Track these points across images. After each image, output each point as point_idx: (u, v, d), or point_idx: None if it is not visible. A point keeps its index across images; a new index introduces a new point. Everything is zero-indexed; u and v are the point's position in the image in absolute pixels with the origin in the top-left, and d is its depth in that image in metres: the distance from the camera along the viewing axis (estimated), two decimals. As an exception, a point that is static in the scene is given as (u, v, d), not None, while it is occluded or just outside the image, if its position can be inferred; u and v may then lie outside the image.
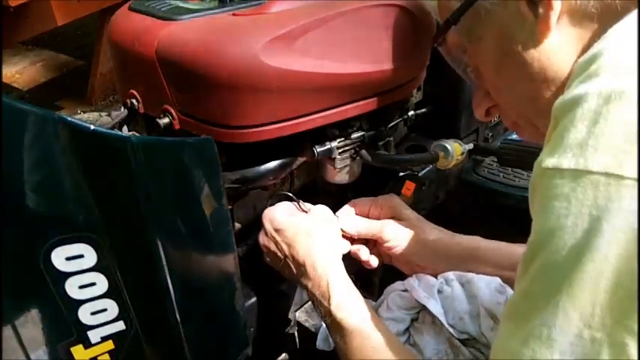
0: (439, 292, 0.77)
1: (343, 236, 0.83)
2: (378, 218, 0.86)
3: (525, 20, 0.54)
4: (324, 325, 0.86)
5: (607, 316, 0.41)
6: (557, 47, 0.54)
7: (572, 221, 0.42)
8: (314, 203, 0.84)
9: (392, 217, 0.85)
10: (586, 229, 0.42)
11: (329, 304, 0.71)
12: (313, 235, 0.76)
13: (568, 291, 0.42)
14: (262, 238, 0.79)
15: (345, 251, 0.82)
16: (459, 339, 0.73)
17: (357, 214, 0.86)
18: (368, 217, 0.86)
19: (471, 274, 0.77)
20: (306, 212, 0.81)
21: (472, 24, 0.59)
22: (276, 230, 0.77)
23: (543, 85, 0.56)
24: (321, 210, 0.82)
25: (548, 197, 0.45)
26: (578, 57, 0.52)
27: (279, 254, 0.77)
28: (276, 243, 0.77)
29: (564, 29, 0.53)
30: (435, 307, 0.74)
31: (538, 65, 0.55)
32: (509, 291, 0.76)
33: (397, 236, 0.82)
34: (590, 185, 0.42)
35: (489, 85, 0.64)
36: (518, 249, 0.78)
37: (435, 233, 0.82)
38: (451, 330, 0.73)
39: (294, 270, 0.76)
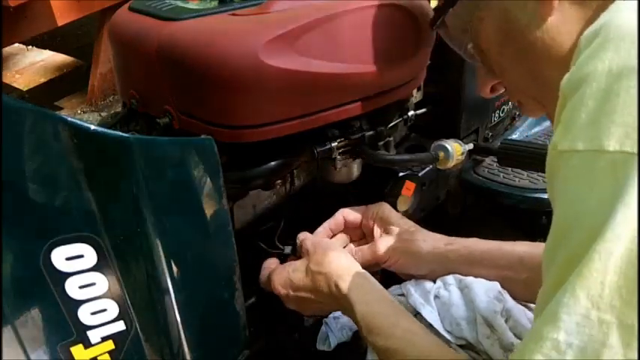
0: (436, 297, 0.77)
1: None
2: (370, 229, 0.85)
3: (527, 1, 0.54)
4: (323, 325, 0.86)
5: (616, 296, 0.40)
6: (561, 26, 0.54)
7: (592, 203, 0.41)
8: (314, 203, 0.84)
9: (383, 229, 0.84)
10: (603, 210, 0.40)
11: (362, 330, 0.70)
12: (323, 272, 0.75)
13: (578, 270, 0.41)
14: (289, 304, 0.79)
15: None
16: (456, 345, 0.72)
17: (347, 225, 0.87)
18: (360, 228, 0.87)
19: (470, 279, 0.77)
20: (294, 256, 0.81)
21: (472, 6, 0.58)
22: (295, 289, 0.77)
23: (547, 63, 0.55)
24: (314, 246, 0.80)
25: (568, 181, 0.43)
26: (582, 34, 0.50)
27: (312, 299, 0.76)
28: (301, 299, 0.77)
29: (567, 8, 0.53)
30: (429, 314, 0.74)
31: (542, 45, 0.55)
32: (508, 298, 0.76)
33: (391, 253, 0.81)
34: (607, 165, 0.40)
35: (493, 64, 0.63)
36: (515, 247, 0.78)
37: (428, 244, 0.81)
38: (448, 336, 0.72)
39: (330, 303, 0.76)
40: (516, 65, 0.59)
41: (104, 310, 0.61)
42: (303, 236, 0.83)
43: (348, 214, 0.87)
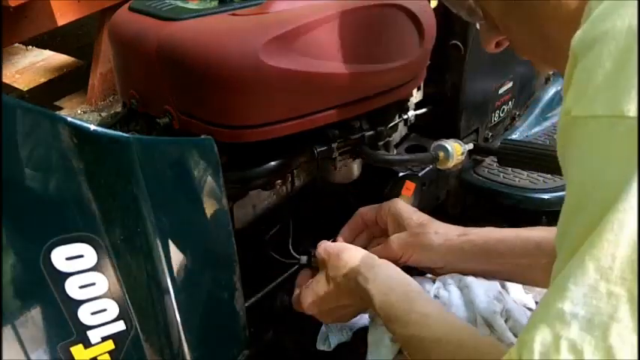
0: (436, 297, 0.76)
1: None
2: (385, 226, 0.84)
3: None
4: (323, 325, 0.86)
5: (627, 269, 0.38)
6: None
7: (609, 172, 0.39)
8: (314, 203, 0.84)
9: (396, 224, 0.83)
10: (620, 179, 0.38)
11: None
12: (341, 274, 0.74)
13: (590, 241, 0.39)
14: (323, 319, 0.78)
15: None
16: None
17: (366, 224, 0.85)
18: (375, 226, 0.85)
19: (470, 279, 0.77)
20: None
21: None
22: (322, 302, 0.76)
23: (554, 22, 0.53)
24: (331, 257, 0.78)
25: (583, 149, 0.40)
26: None
27: (340, 306, 0.76)
28: (331, 310, 0.76)
29: None
30: None
31: (551, 5, 0.52)
32: (508, 299, 0.76)
33: (404, 249, 0.80)
34: (626, 131, 0.37)
35: (498, 23, 0.61)
36: (531, 233, 0.76)
37: (440, 236, 0.79)
38: None
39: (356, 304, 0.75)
40: (522, 25, 0.57)
41: (104, 310, 0.61)
42: (319, 246, 0.81)
43: (365, 214, 0.86)
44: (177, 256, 0.65)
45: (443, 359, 0.60)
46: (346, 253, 0.75)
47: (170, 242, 0.64)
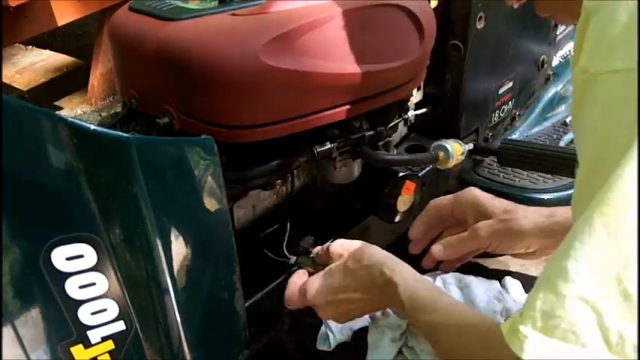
0: None
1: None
2: (462, 217, 0.82)
3: None
4: (323, 325, 0.86)
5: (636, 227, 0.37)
6: None
7: (630, 125, 0.38)
8: (314, 203, 0.84)
9: (477, 213, 0.80)
10: (637, 131, 0.37)
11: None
12: (365, 265, 0.72)
13: (599, 198, 0.38)
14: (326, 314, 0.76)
15: None
16: None
17: (440, 216, 0.83)
18: (450, 218, 0.83)
19: (470, 278, 0.77)
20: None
21: None
22: (335, 292, 0.73)
23: None
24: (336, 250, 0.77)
25: (605, 105, 0.39)
26: None
27: (354, 299, 0.73)
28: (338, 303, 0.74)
29: None
30: None
31: None
32: (508, 298, 0.76)
33: (492, 237, 0.77)
34: None
35: None
36: None
37: (529, 220, 0.76)
38: None
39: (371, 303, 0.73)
40: None
41: (104, 310, 0.61)
42: (334, 243, 0.79)
43: (439, 205, 0.84)
44: (177, 257, 0.65)
45: (472, 343, 0.60)
46: (370, 248, 0.73)
47: (170, 242, 0.64)
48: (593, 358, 0.40)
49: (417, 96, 1.06)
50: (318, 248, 0.80)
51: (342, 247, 0.76)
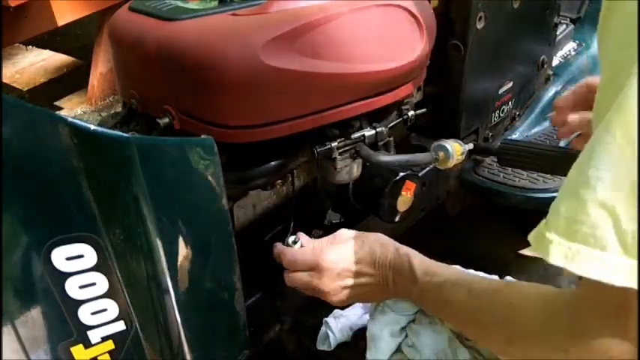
0: None
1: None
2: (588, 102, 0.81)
3: None
4: (323, 325, 0.86)
5: None
6: None
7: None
8: (314, 203, 0.84)
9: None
10: None
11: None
12: (381, 242, 0.73)
13: (617, 104, 0.39)
14: (326, 287, 0.74)
15: None
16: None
17: (587, 92, 0.83)
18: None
19: (472, 272, 0.77)
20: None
21: None
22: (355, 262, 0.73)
23: None
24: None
25: (630, 14, 0.40)
26: None
27: (351, 286, 0.73)
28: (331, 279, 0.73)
29: None
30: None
31: None
32: None
33: None
34: None
35: None
36: None
37: None
38: (449, 334, 0.72)
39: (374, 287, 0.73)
40: None
41: (104, 310, 0.61)
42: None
43: (592, 84, 0.83)
44: (177, 257, 0.65)
45: (482, 296, 0.61)
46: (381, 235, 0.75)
47: (170, 242, 0.64)
48: (611, 259, 0.41)
49: (417, 96, 1.06)
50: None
51: (353, 232, 0.77)
